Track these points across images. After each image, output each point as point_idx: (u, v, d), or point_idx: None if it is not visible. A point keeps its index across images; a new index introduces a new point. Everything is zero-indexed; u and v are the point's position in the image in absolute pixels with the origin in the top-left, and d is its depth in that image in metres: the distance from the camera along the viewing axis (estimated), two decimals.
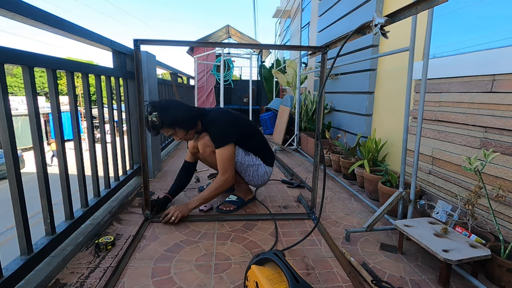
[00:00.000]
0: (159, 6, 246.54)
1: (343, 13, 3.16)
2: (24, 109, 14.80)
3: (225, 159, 1.61)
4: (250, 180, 1.83)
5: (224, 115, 1.71)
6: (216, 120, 1.68)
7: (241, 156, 1.74)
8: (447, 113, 1.69)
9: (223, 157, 1.60)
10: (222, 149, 1.61)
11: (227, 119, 1.70)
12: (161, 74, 21.99)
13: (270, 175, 1.90)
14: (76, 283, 1.10)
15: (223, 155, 1.60)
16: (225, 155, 1.61)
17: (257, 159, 1.80)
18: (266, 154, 1.85)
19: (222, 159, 1.61)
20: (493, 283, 1.15)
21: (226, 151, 1.61)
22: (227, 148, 1.61)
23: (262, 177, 1.84)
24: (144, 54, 2.32)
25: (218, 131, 1.65)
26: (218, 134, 1.64)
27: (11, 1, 0.96)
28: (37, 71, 1.86)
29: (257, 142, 1.82)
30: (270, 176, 1.92)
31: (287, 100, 4.68)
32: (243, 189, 1.90)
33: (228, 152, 1.61)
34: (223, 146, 1.61)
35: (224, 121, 1.68)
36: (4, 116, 0.94)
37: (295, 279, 0.85)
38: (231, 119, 1.71)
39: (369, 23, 1.09)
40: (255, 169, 1.79)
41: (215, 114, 1.72)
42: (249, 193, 1.93)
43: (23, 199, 1.02)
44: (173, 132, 1.65)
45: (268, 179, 1.91)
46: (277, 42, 8.13)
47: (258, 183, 1.86)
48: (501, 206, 1.34)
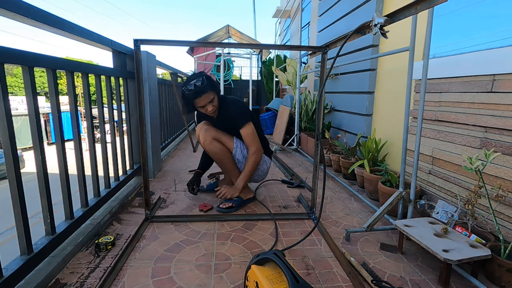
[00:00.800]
0: (159, 6, 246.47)
1: (343, 13, 3.16)
2: (24, 109, 14.80)
3: (249, 134, 1.79)
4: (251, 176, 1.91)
5: (238, 100, 1.93)
6: (235, 102, 1.88)
7: (240, 146, 1.87)
8: (447, 113, 1.69)
9: (247, 132, 1.79)
10: (246, 126, 1.78)
11: (241, 103, 1.92)
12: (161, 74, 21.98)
13: (269, 166, 2.02)
14: (76, 283, 1.11)
15: (248, 131, 1.79)
16: (249, 130, 1.79)
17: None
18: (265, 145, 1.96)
19: (247, 134, 1.79)
20: (493, 283, 1.15)
21: (249, 127, 1.79)
22: (250, 125, 1.80)
23: (261, 166, 1.95)
24: (144, 54, 2.32)
25: (239, 112, 1.83)
26: (240, 113, 1.82)
27: (11, 1, 0.96)
28: (37, 71, 1.86)
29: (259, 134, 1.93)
30: (269, 168, 2.03)
31: (287, 100, 4.68)
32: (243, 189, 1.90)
33: (251, 128, 1.80)
34: (247, 123, 1.78)
35: (241, 104, 1.90)
36: (4, 116, 0.94)
37: (295, 279, 0.85)
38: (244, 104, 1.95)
39: (369, 23, 1.09)
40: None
41: (231, 98, 1.92)
42: (248, 193, 1.94)
43: (23, 199, 1.02)
44: (213, 97, 1.74)
45: (267, 170, 2.02)
46: (277, 42, 8.13)
47: (258, 172, 1.95)
48: (501, 206, 1.34)
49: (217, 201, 1.95)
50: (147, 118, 2.36)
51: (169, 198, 2.00)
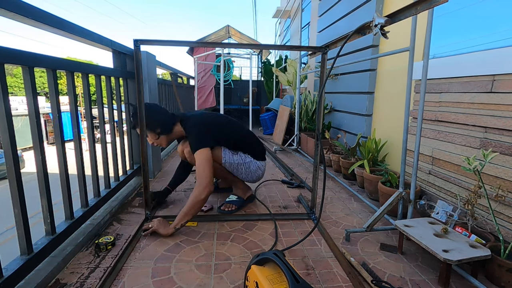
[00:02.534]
0: (159, 6, 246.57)
1: (343, 13, 3.16)
2: (24, 109, 14.79)
3: (200, 163, 1.54)
4: (244, 177, 1.83)
5: (201, 120, 1.69)
6: (193, 125, 1.67)
7: (229, 156, 1.73)
8: (447, 113, 1.69)
9: (198, 162, 1.55)
10: (196, 154, 1.56)
11: (203, 123, 1.68)
12: (161, 74, 21.96)
13: (264, 170, 1.89)
14: (76, 283, 1.10)
15: (198, 160, 1.55)
16: (200, 159, 1.55)
17: (247, 156, 1.78)
18: (255, 149, 1.83)
19: (197, 164, 1.55)
20: (493, 283, 1.15)
21: (200, 155, 1.55)
22: (201, 152, 1.55)
23: (255, 172, 1.82)
24: (144, 54, 2.32)
25: (193, 137, 1.64)
26: (192, 140, 1.63)
27: (11, 1, 0.97)
28: (37, 71, 1.86)
29: (243, 139, 1.80)
30: (264, 170, 1.90)
31: (287, 100, 4.68)
32: (240, 188, 1.90)
33: (202, 157, 1.55)
34: (197, 150, 1.56)
35: (199, 126, 1.66)
36: (4, 116, 0.94)
37: (295, 279, 0.85)
38: (207, 123, 1.69)
39: (369, 23, 1.10)
40: (246, 166, 1.78)
41: (192, 119, 1.70)
42: (247, 191, 1.93)
43: (23, 199, 1.02)
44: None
45: (262, 174, 1.89)
46: (277, 42, 8.14)
47: (253, 178, 1.85)
48: (501, 206, 1.34)
49: (217, 201, 1.96)
50: None
51: (169, 198, 2.00)
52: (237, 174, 1.80)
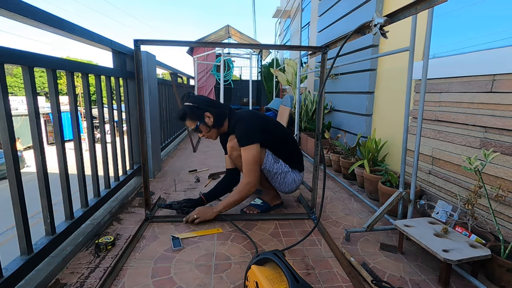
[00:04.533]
0: (159, 6, 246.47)
1: (343, 13, 3.16)
2: (24, 109, 14.79)
3: (248, 160, 1.51)
4: (277, 186, 1.76)
5: (252, 115, 1.67)
6: (242, 119, 1.63)
7: (270, 163, 1.66)
8: (447, 113, 1.69)
9: (246, 157, 1.51)
10: (245, 149, 1.51)
11: (254, 118, 1.64)
12: (161, 74, 21.96)
13: (299, 184, 1.80)
14: (76, 283, 1.10)
15: (246, 156, 1.51)
16: (249, 155, 1.50)
17: (286, 166, 1.71)
18: (296, 160, 1.77)
19: (245, 159, 1.51)
20: (493, 283, 1.15)
21: (249, 151, 1.51)
22: (251, 148, 1.50)
23: (290, 185, 1.75)
24: (144, 54, 2.32)
25: (242, 130, 1.58)
26: (241, 133, 1.58)
27: (11, 1, 0.96)
28: (37, 71, 1.86)
29: (289, 148, 1.74)
30: (299, 185, 1.81)
31: (287, 100, 4.69)
32: (270, 194, 1.85)
33: (252, 153, 1.50)
34: (246, 145, 1.51)
35: (250, 120, 1.61)
36: (4, 116, 0.94)
37: (295, 279, 0.85)
38: (259, 119, 1.65)
39: (369, 23, 1.10)
40: (282, 176, 1.72)
41: (243, 113, 1.68)
42: (276, 199, 1.86)
43: (23, 199, 1.02)
44: (197, 125, 1.64)
45: (296, 188, 1.80)
46: (277, 42, 8.14)
47: (286, 190, 1.77)
48: (501, 206, 1.34)
49: (217, 201, 1.95)
50: (147, 118, 2.36)
51: (169, 198, 2.00)
52: (271, 181, 1.75)
